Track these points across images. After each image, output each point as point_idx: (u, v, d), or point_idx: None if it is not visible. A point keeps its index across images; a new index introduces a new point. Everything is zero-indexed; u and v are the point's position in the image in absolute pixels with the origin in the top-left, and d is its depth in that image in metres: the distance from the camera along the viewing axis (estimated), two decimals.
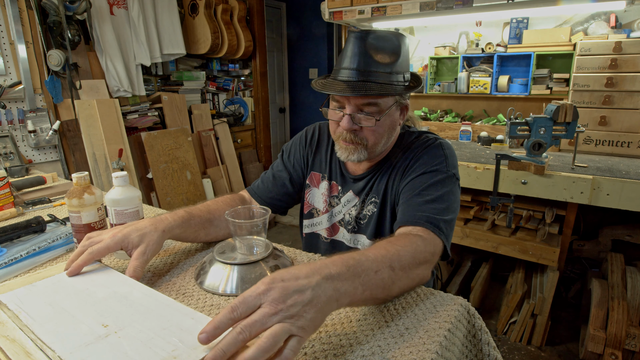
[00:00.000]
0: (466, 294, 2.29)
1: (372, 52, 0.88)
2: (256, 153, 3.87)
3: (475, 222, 2.15)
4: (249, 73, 3.77)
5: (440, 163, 0.94)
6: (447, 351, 0.63)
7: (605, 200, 1.69)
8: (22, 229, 1.00)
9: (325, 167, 1.11)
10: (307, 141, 1.15)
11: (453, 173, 0.94)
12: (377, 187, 1.03)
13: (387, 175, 1.01)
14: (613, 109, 2.05)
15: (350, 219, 1.07)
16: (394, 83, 0.90)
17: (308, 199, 1.15)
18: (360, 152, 0.95)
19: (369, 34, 0.88)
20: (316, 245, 1.16)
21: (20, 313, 0.63)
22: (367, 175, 1.04)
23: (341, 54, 0.93)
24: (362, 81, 0.88)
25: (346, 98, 0.91)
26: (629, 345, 1.67)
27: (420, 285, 0.76)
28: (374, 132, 0.93)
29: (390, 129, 0.96)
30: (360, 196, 1.06)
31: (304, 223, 1.17)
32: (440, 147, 0.97)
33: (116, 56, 2.62)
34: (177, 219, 0.86)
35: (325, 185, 1.11)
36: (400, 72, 0.91)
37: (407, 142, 1.03)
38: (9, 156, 2.20)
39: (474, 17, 2.55)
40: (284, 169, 1.15)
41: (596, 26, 2.20)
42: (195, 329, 0.57)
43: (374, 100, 0.90)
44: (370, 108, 0.90)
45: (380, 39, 0.89)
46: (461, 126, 2.55)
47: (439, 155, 0.95)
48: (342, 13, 2.48)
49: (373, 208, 1.03)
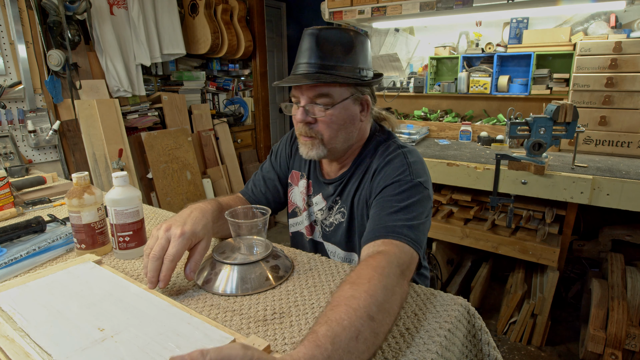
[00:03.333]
0: (466, 294, 2.29)
1: (325, 46, 0.90)
2: (256, 153, 3.87)
3: (475, 222, 2.15)
4: (249, 73, 3.77)
5: (402, 173, 0.90)
6: (447, 351, 0.63)
7: (605, 200, 1.69)
8: (22, 229, 1.00)
9: (304, 165, 1.12)
10: (292, 140, 1.17)
11: (418, 181, 0.89)
12: (346, 197, 1.02)
13: (354, 186, 1.00)
14: (613, 109, 2.05)
15: (318, 222, 1.08)
16: (348, 75, 0.91)
17: (291, 198, 1.17)
18: (318, 148, 0.94)
19: (322, 30, 0.91)
20: (301, 244, 1.17)
21: (14, 315, 0.62)
22: (336, 181, 1.04)
23: (297, 52, 0.94)
24: (314, 72, 0.89)
25: (299, 91, 0.92)
26: (629, 345, 1.67)
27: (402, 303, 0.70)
28: (328, 124, 0.92)
29: (348, 123, 0.94)
30: (327, 201, 1.06)
31: (290, 222, 1.19)
32: (401, 155, 0.94)
33: (116, 56, 2.62)
34: (215, 206, 0.90)
35: (303, 184, 1.12)
36: (355, 67, 0.92)
37: (373, 147, 1.01)
38: (9, 156, 2.20)
39: (474, 17, 2.55)
40: (272, 170, 1.17)
41: (596, 26, 2.20)
42: (192, 334, 0.57)
43: (325, 90, 0.90)
44: (323, 99, 0.90)
45: (333, 35, 0.91)
46: (461, 126, 2.55)
47: (402, 165, 0.92)
48: (342, 13, 2.48)
49: (340, 218, 1.03)
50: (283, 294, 0.76)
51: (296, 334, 0.64)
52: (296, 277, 0.82)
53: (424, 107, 2.87)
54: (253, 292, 0.76)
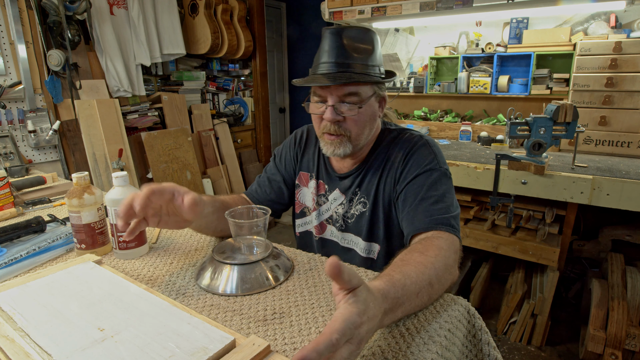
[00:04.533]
0: (466, 294, 2.29)
1: (348, 45, 0.92)
2: (256, 153, 3.87)
3: (475, 222, 2.15)
4: (249, 73, 3.77)
5: (432, 161, 0.95)
6: (447, 351, 0.63)
7: (605, 200, 1.69)
8: (22, 229, 1.00)
9: (313, 166, 1.14)
10: (297, 142, 1.18)
11: (445, 169, 0.96)
12: (366, 186, 1.04)
13: (377, 175, 1.02)
14: (613, 109, 2.05)
15: (338, 217, 1.09)
16: (371, 74, 0.93)
17: (299, 199, 1.17)
18: (345, 145, 0.96)
19: (344, 30, 0.93)
20: (309, 243, 1.18)
21: (14, 315, 0.62)
22: (352, 173, 1.06)
23: (318, 51, 0.96)
24: (341, 72, 0.91)
25: (328, 90, 0.93)
26: (629, 345, 1.67)
27: (452, 285, 0.78)
28: (357, 122, 0.94)
29: (371, 120, 0.98)
30: (346, 194, 1.07)
31: (297, 222, 1.19)
32: (427, 145, 0.99)
33: (116, 56, 2.62)
34: (209, 196, 0.93)
35: (313, 184, 1.13)
36: (375, 65, 0.95)
37: (389, 139, 1.04)
38: (9, 156, 2.20)
39: (474, 17, 2.55)
40: (277, 172, 1.18)
41: (596, 26, 2.20)
42: (192, 335, 0.57)
43: (354, 89, 0.92)
44: (352, 98, 0.92)
45: (355, 33, 0.93)
46: (461, 126, 2.55)
47: (429, 153, 0.97)
48: (342, 13, 2.48)
49: (362, 208, 1.05)
50: (283, 294, 0.76)
51: (296, 334, 0.64)
52: (296, 277, 0.82)
53: (424, 107, 2.87)
54: (253, 292, 0.76)
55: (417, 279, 0.65)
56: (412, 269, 0.67)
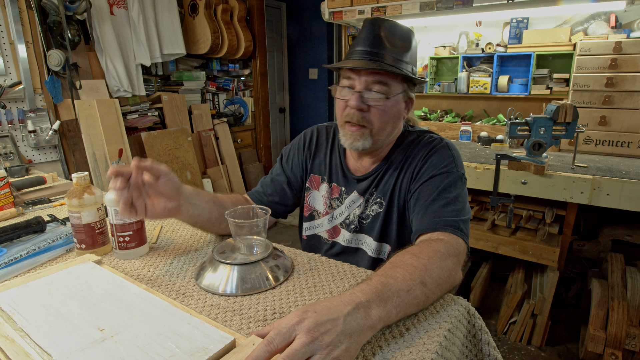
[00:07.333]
0: (466, 294, 2.29)
1: (385, 37, 0.91)
2: (256, 153, 3.87)
3: (475, 222, 2.15)
4: (249, 73, 3.77)
5: (449, 164, 0.94)
6: (447, 351, 0.63)
7: (605, 200, 1.69)
8: (22, 229, 1.00)
9: (324, 169, 1.11)
10: (306, 145, 1.15)
11: (462, 173, 0.96)
12: (383, 187, 1.02)
13: (394, 175, 1.01)
14: (613, 109, 2.04)
15: (354, 218, 1.07)
16: (404, 70, 0.92)
17: (308, 202, 1.15)
18: (365, 139, 0.94)
19: (383, 21, 0.92)
20: (318, 247, 1.16)
21: (14, 315, 0.62)
22: (371, 175, 1.04)
23: (355, 39, 0.95)
24: (374, 60, 0.90)
25: (357, 75, 0.91)
26: (629, 345, 1.67)
27: (455, 288, 0.77)
28: (381, 114, 0.92)
29: (396, 117, 0.96)
30: (364, 196, 1.05)
31: (305, 225, 1.17)
32: (447, 147, 0.98)
33: (116, 56, 2.62)
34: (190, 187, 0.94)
35: (325, 188, 1.11)
36: (409, 63, 0.94)
37: (409, 141, 1.03)
38: (9, 156, 2.20)
39: (474, 17, 2.55)
40: (282, 173, 1.15)
41: (596, 26, 2.20)
42: (192, 335, 0.57)
43: (384, 79, 0.90)
44: (380, 87, 0.91)
45: (394, 27, 0.92)
46: (461, 126, 2.55)
47: (448, 156, 0.96)
48: (342, 13, 2.47)
49: (378, 208, 1.03)
50: (283, 294, 0.76)
51: None
52: (296, 277, 0.82)
53: (424, 107, 2.87)
54: (253, 292, 0.76)
55: (404, 278, 0.65)
56: (399, 271, 0.67)
